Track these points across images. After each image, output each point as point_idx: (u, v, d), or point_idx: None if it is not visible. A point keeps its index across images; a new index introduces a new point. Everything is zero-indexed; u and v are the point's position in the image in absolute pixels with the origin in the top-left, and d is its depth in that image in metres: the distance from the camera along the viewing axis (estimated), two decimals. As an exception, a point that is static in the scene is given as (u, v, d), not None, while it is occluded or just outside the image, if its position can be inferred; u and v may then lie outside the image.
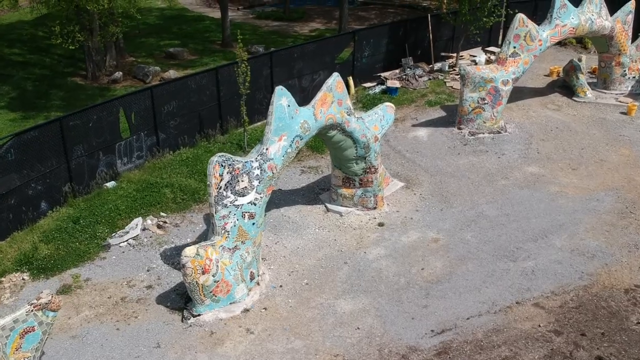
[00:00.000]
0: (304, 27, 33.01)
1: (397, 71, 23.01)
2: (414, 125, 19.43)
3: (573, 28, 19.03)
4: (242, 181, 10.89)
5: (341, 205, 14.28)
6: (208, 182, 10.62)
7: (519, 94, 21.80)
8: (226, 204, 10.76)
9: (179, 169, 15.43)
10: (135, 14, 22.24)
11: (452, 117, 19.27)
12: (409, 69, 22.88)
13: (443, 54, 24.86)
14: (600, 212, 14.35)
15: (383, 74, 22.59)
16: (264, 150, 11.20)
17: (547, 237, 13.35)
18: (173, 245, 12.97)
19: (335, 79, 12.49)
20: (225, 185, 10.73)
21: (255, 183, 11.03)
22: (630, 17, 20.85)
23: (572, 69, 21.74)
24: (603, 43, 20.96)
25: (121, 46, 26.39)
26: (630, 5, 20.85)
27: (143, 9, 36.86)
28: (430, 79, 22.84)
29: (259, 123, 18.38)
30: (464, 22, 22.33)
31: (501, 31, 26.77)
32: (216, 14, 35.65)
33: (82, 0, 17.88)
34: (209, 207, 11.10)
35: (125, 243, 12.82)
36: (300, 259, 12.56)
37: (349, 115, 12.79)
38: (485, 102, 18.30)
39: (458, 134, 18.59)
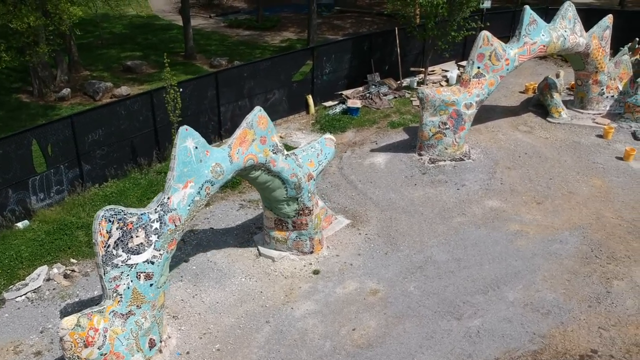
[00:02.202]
0: (276, 36, 31.65)
1: (361, 89, 21.60)
2: (372, 150, 18.02)
3: (544, 46, 17.61)
4: (137, 237, 9.48)
5: (275, 249, 12.88)
6: (93, 240, 9.22)
7: (489, 113, 20.43)
8: (117, 264, 9.36)
9: (101, 206, 13.95)
10: (67, 30, 20.48)
11: (415, 140, 17.88)
12: (373, 86, 21.47)
13: (413, 69, 23.46)
14: (562, 257, 12.93)
15: (345, 92, 21.19)
16: (165, 200, 9.80)
17: (499, 288, 11.93)
18: (77, 300, 11.57)
19: (256, 114, 11.08)
20: (115, 242, 9.33)
21: (153, 238, 9.62)
22: (608, 33, 19.44)
23: (546, 87, 20.33)
24: (579, 60, 19.55)
25: (75, 59, 24.98)
26: (607, 20, 19.44)
27: (112, 17, 35.64)
28: (396, 97, 21.44)
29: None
30: (431, 36, 20.92)
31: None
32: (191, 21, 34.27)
33: (5, 17, 16.40)
34: (96, 268, 9.70)
35: (23, 297, 11.43)
36: (217, 317, 11.15)
37: (275, 153, 11.38)
38: (447, 127, 16.89)
39: (418, 160, 17.19)
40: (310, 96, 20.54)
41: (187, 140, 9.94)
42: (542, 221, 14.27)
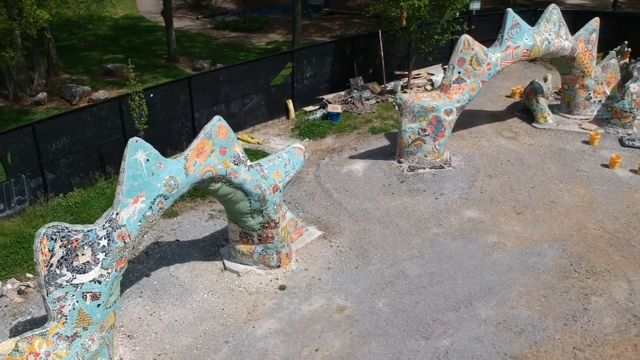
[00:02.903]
0: (262, 38, 31.16)
1: (343, 93, 21.10)
2: (351, 157, 17.52)
3: (527, 50, 17.12)
4: (83, 255, 8.98)
5: (240, 263, 12.38)
6: (35, 259, 8.72)
7: (474, 118, 19.96)
8: (61, 284, 8.86)
9: (63, 217, 13.53)
10: (35, 34, 19.80)
11: (395, 147, 17.36)
12: (356, 91, 20.97)
13: (397, 72, 22.96)
14: (540, 271, 12.43)
15: (326, 97, 20.69)
16: (114, 216, 9.30)
17: (471, 305, 11.43)
18: (29, 317, 11.07)
19: (215, 123, 10.57)
20: (59, 261, 8.83)
21: (101, 256, 9.12)
22: (594, 36, 18.94)
23: (532, 91, 19.83)
24: (564, 64, 19.06)
25: (54, 62, 24.48)
26: (594, 23, 18.93)
27: (96, 18, 35.12)
28: (378, 102, 20.95)
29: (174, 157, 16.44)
30: (414, 40, 20.42)
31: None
32: (174, 23, 33.72)
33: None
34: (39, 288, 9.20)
35: (-27, 315, 10.94)
36: (174, 337, 10.64)
37: (236, 164, 10.88)
38: (427, 133, 16.39)
39: (397, 168, 16.69)
40: (290, 101, 20.04)
41: (138, 152, 9.44)
42: (521, 232, 13.77)
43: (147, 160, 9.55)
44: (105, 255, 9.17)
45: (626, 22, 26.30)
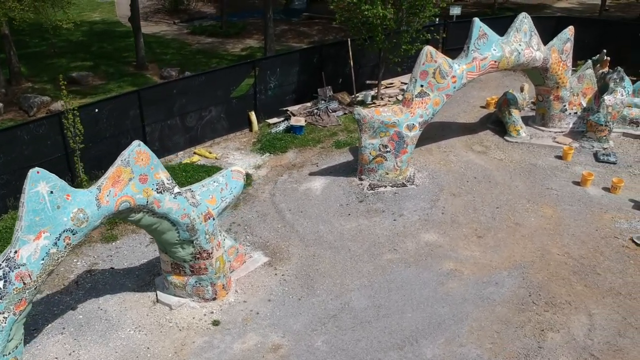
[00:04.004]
0: (238, 44, 30.35)
1: (309, 104, 20.28)
2: (311, 174, 16.70)
3: (495, 61, 16.28)
4: (-26, 299, 8.16)
5: (174, 295, 11.55)
6: None
7: (444, 130, 19.16)
8: (-52, 331, 8.05)
9: (-10, 243, 12.72)
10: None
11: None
12: (323, 102, 20.15)
13: (369, 82, 22.13)
14: (495, 303, 11.60)
15: (291, 109, 19.86)
16: (12, 254, 8.48)
17: (417, 343, 10.60)
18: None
19: (133, 149, 9.75)
20: (-56, 307, 8.02)
21: (-5, 300, 8.30)
22: (569, 46, 18.10)
23: (505, 103, 19.01)
24: (537, 75, 18.24)
25: (15, 70, 23.66)
26: (568, 33, 18.10)
27: (73, 23, 34.28)
28: (345, 114, 20.12)
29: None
30: (382, 49, 19.60)
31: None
32: (150, 28, 33.09)
33: None
34: None
35: None
36: (89, 380, 9.83)
37: (160, 192, 10.05)
38: (388, 150, 15.57)
39: (358, 186, 15.87)
40: (252, 113, 19.22)
41: (40, 184, 8.62)
42: (479, 258, 12.94)
43: (51, 192, 8.72)
44: (1, 299, 8.34)
45: (611, 28, 25.52)
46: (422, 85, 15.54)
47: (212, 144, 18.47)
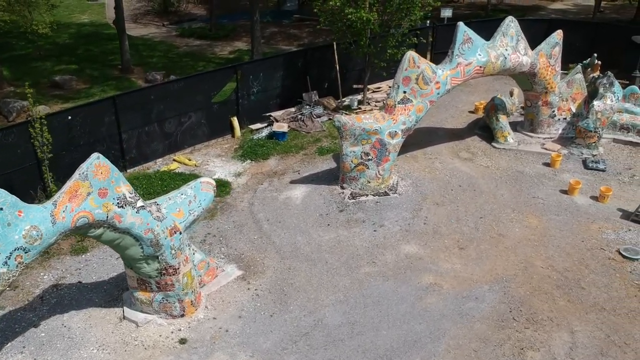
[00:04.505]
0: (226, 46, 29.93)
1: (293, 109, 19.86)
2: (292, 182, 16.28)
3: (480, 67, 15.86)
4: None
5: (141, 311, 11.13)
6: None
7: (431, 137, 18.75)
8: None
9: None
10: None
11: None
12: (307, 107, 19.74)
13: (356, 86, 21.72)
14: (475, 319, 11.18)
15: (274, 114, 19.45)
16: (-44, 276, 8.06)
17: (391, 363, 10.19)
18: None
19: (92, 162, 9.33)
20: None
21: (-61, 323, 7.88)
22: (557, 50, 17.68)
23: (492, 108, 18.61)
24: (525, 80, 17.81)
25: (-4, 74, 23.24)
26: (557, 37, 17.67)
27: (60, 25, 33.88)
28: (330, 119, 19.69)
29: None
30: (367, 54, 19.19)
31: (429, 59, 23.67)
32: (138, 31, 32.71)
33: None
34: None
35: None
36: (46, 404, 9.42)
37: (121, 207, 9.63)
38: (370, 157, 15.15)
39: (339, 195, 15.46)
40: (235, 118, 18.80)
41: (-12, 201, 8.20)
42: (460, 272, 12.53)
43: (1, 209, 8.30)
44: (-55, 322, 7.92)
45: (603, 31, 25.12)
46: (404, 92, 15.12)
47: (192, 151, 18.05)
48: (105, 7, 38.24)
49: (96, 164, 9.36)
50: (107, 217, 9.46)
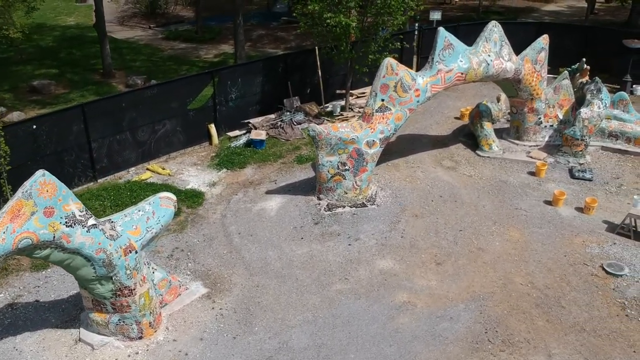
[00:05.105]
0: (212, 49, 29.43)
1: (273, 116, 19.34)
2: (268, 192, 15.76)
3: (462, 73, 15.35)
4: None
5: (98, 333, 10.60)
6: None
7: (414, 144, 18.26)
8: None
9: None
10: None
11: (318, 180, 15.60)
12: (287, 113, 19.21)
13: (339, 91, 21.20)
14: (448, 341, 10.65)
15: (253, 121, 18.93)
16: None
17: (357, 389, 9.66)
18: None
19: (36, 179, 8.80)
20: None
21: None
22: (543, 55, 17.17)
23: (477, 115, 18.10)
24: (510, 87, 17.30)
25: (-28, 79, 22.72)
26: (542, 42, 17.15)
27: (45, 27, 33.42)
28: (311, 126, 19.13)
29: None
30: (348, 59, 18.67)
31: (415, 63, 23.22)
32: (124, 33, 32.24)
33: None
34: None
35: None
36: None
37: (69, 226, 9.10)
38: (347, 168, 14.63)
39: (315, 206, 14.94)
40: (212, 125, 18.28)
41: None
42: (436, 289, 12.00)
43: None
44: None
45: (594, 34, 24.62)
46: (382, 100, 14.61)
47: (167, 159, 17.53)
48: (92, 9, 37.70)
49: (41, 182, 8.83)
50: (54, 237, 8.93)
